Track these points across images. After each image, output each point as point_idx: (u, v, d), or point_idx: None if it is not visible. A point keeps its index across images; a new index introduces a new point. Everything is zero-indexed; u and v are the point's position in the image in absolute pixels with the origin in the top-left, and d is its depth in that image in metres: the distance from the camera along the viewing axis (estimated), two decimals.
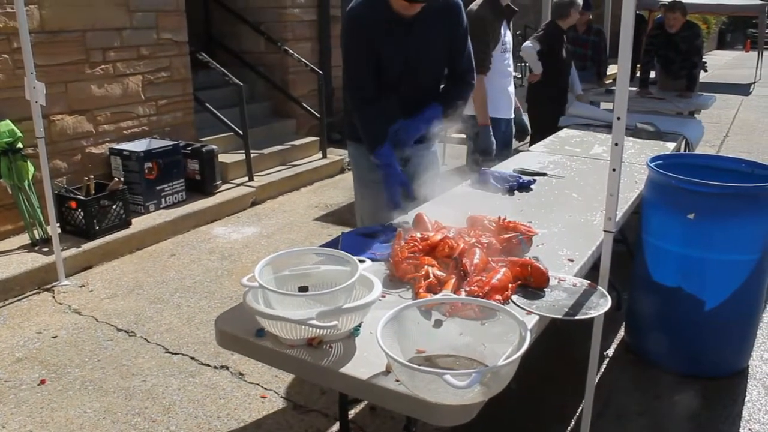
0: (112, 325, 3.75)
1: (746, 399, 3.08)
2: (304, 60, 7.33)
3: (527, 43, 5.86)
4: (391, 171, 2.75)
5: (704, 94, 7.21)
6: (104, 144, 5.43)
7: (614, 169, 2.18)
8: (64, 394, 3.09)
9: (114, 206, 4.84)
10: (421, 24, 2.72)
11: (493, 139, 4.01)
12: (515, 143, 4.75)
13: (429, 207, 2.81)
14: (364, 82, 2.77)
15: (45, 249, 4.49)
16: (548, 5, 6.66)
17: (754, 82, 17.39)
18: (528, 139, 5.06)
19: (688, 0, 12.67)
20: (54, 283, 4.27)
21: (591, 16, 6.97)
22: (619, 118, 2.13)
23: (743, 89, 15.94)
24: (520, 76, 6.02)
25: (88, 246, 4.62)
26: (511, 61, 4.50)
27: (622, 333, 3.62)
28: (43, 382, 3.18)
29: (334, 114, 8.06)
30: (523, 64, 7.39)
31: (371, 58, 2.73)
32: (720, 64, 23.91)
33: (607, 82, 8.07)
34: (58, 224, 4.49)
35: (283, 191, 6.46)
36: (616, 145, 2.16)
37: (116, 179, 5.05)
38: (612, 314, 3.48)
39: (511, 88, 4.50)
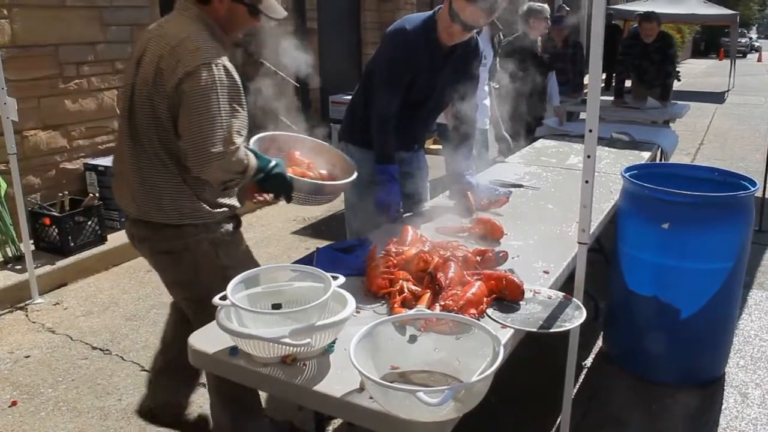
0: (87, 344, 3.70)
1: (723, 407, 3.10)
2: (281, 73, 7.30)
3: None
4: (394, 187, 2.90)
5: (679, 102, 7.29)
6: (79, 159, 5.37)
7: (587, 181, 2.19)
8: (36, 416, 3.03)
9: (89, 222, 4.78)
10: (454, 59, 2.94)
11: None
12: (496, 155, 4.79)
13: (409, 219, 2.84)
14: (393, 104, 2.89)
15: (18, 267, 4.42)
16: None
17: (727, 90, 17.65)
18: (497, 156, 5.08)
19: (663, 10, 12.91)
20: (27, 302, 4.21)
21: (567, 31, 7.03)
22: (591, 131, 2.14)
23: (717, 97, 16.17)
24: (497, 86, 6.04)
25: (62, 263, 4.56)
26: (486, 75, 4.54)
27: (600, 342, 3.63)
28: (14, 403, 3.12)
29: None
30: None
31: (407, 82, 2.87)
32: (694, 72, 24.24)
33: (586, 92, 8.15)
34: (31, 241, 4.43)
35: (261, 205, 6.42)
36: (589, 157, 2.17)
37: (91, 195, 5.00)
38: (590, 324, 3.49)
39: (487, 101, 4.52)
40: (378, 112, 2.92)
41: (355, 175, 2.61)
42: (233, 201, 2.31)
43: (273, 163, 2.22)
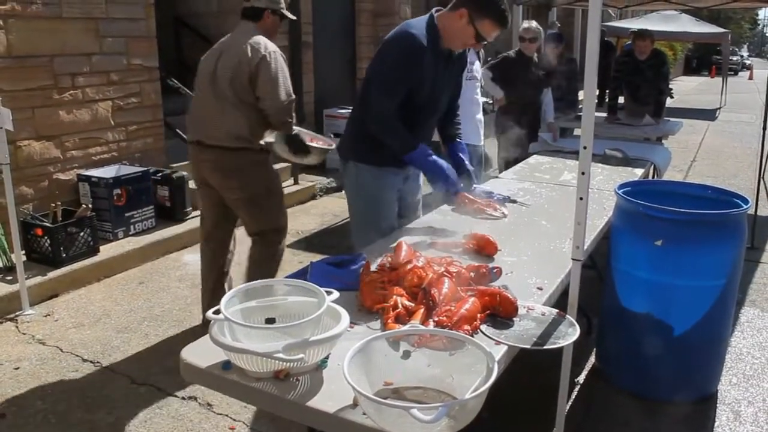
0: (77, 356, 3.67)
1: (716, 424, 3.10)
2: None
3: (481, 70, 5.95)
4: (437, 161, 2.95)
5: (672, 119, 7.34)
6: (72, 170, 5.36)
7: (581, 198, 2.20)
8: (25, 428, 3.00)
9: (81, 233, 4.76)
10: (452, 62, 3.02)
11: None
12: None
13: (406, 234, 2.84)
14: (394, 105, 2.89)
15: (9, 277, 4.40)
16: (515, 32, 6.78)
17: (719, 108, 17.78)
18: (492, 168, 5.09)
19: (656, 27, 13.01)
20: (18, 313, 4.18)
21: (563, 49, 7.07)
22: (585, 147, 2.15)
23: (709, 115, 16.28)
24: (491, 102, 6.09)
25: (54, 274, 4.54)
26: (479, 90, 4.55)
27: (593, 359, 3.62)
28: (2, 415, 3.09)
29: None
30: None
31: (411, 86, 2.88)
32: (687, 89, 24.42)
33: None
34: (23, 252, 4.41)
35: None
36: (583, 173, 2.18)
37: (84, 206, 4.98)
38: (583, 340, 3.48)
39: (480, 116, 4.53)
40: (378, 114, 2.91)
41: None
42: (263, 140, 3.62)
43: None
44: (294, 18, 3.80)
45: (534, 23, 5.86)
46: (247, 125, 3.49)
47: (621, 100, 7.55)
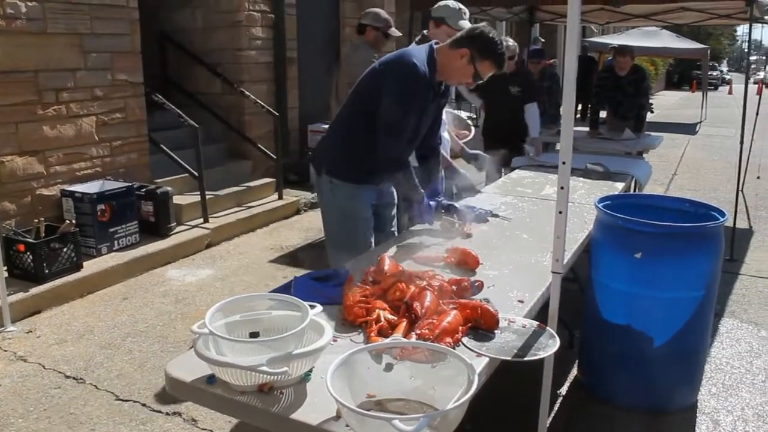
0: (60, 372, 3.65)
1: None
2: (260, 102, 7.35)
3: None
4: (430, 204, 3.13)
5: (652, 134, 7.43)
6: (56, 186, 5.34)
7: (561, 212, 2.24)
8: None
9: (65, 249, 4.75)
10: (440, 95, 3.15)
11: None
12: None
13: (388, 248, 2.86)
14: (405, 134, 2.96)
15: None
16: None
17: (700, 122, 18.01)
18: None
19: (637, 43, 13.18)
20: None
21: (545, 65, 7.16)
22: (564, 163, 2.19)
23: (690, 129, 16.49)
24: (474, 116, 6.17)
25: (36, 290, 4.51)
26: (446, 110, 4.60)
27: (575, 371, 3.66)
28: None
29: (290, 155, 8.08)
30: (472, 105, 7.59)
31: (415, 113, 2.96)
32: (668, 104, 24.70)
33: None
34: (5, 268, 4.38)
35: (239, 233, 6.41)
36: (562, 188, 2.22)
37: (68, 221, 4.96)
38: (565, 352, 3.53)
39: (445, 135, 4.57)
40: (396, 145, 2.96)
41: None
42: None
43: None
44: (399, 35, 4.82)
45: (510, 41, 5.92)
46: None
47: (603, 114, 7.64)
